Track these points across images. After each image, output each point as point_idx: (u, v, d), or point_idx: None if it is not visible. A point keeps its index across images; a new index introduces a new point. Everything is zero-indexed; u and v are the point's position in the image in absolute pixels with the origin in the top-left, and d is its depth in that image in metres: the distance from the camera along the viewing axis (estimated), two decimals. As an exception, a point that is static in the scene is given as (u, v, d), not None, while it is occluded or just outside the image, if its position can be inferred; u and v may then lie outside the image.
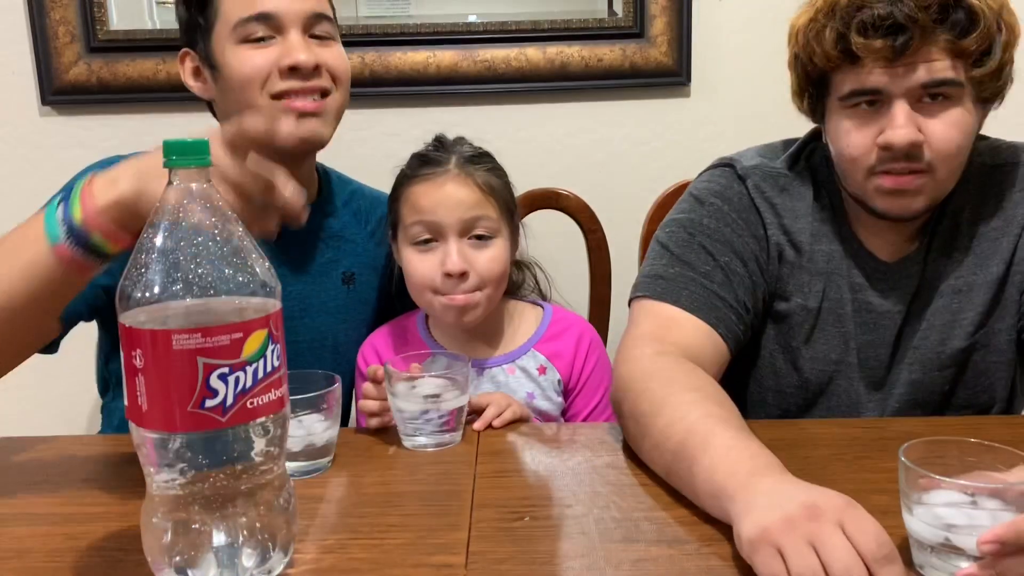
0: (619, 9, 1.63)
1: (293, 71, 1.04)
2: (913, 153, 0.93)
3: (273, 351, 0.64)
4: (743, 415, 0.84)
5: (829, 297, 1.06)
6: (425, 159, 1.15)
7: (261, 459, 0.64)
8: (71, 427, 1.66)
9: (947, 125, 0.93)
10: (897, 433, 0.93)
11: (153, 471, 0.63)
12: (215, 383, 0.60)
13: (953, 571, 0.63)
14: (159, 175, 0.72)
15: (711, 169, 1.13)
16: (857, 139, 0.96)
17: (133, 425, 0.63)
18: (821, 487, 0.68)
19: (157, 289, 0.61)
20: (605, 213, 1.46)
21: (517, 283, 1.27)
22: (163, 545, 0.63)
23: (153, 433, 0.61)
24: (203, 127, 1.15)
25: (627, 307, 1.07)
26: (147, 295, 0.61)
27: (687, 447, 0.78)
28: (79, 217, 0.75)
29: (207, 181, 0.64)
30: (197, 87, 1.13)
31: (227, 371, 0.61)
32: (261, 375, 0.63)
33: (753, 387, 1.12)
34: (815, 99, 1.02)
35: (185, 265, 0.61)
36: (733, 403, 0.87)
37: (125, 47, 1.58)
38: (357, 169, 1.38)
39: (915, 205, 0.97)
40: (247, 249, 0.65)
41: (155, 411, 0.61)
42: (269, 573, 0.66)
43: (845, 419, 1.06)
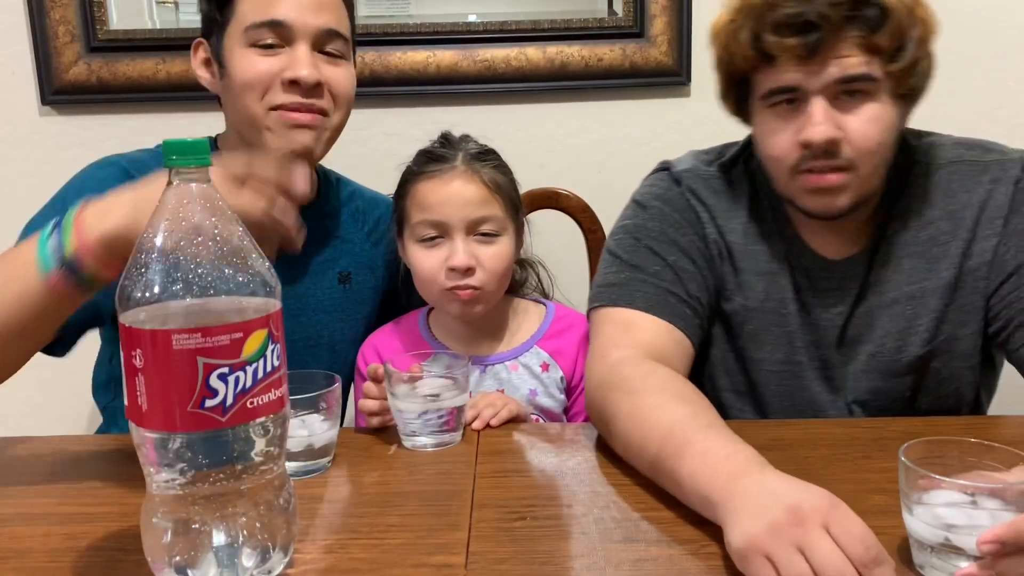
0: (619, 9, 1.63)
1: (294, 84, 1.04)
2: (832, 150, 0.94)
3: (273, 351, 0.64)
4: None
5: (772, 297, 1.06)
6: (432, 156, 1.15)
7: (261, 459, 0.64)
8: (71, 427, 1.66)
9: (864, 121, 0.94)
10: (897, 433, 0.93)
11: (153, 471, 0.63)
12: (215, 383, 0.60)
13: (953, 571, 0.63)
14: (151, 194, 0.72)
15: (651, 175, 1.15)
16: (778, 138, 0.97)
17: (133, 425, 0.63)
18: (802, 483, 0.68)
19: (157, 289, 0.61)
20: (605, 213, 1.46)
21: (520, 281, 1.27)
22: (163, 545, 0.63)
23: (153, 433, 0.61)
24: (203, 128, 1.16)
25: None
26: (147, 295, 0.61)
27: (665, 459, 0.79)
28: (71, 249, 0.76)
29: (207, 181, 0.64)
30: (205, 78, 1.13)
31: (227, 371, 0.61)
32: (261, 375, 0.63)
33: (708, 388, 1.12)
34: (740, 101, 1.04)
35: (185, 265, 0.61)
36: (697, 391, 0.88)
37: (125, 47, 1.58)
38: (357, 169, 1.38)
39: (840, 202, 0.97)
40: (247, 249, 0.65)
41: (155, 411, 0.61)
42: (269, 573, 0.66)
43: (845, 419, 1.06)
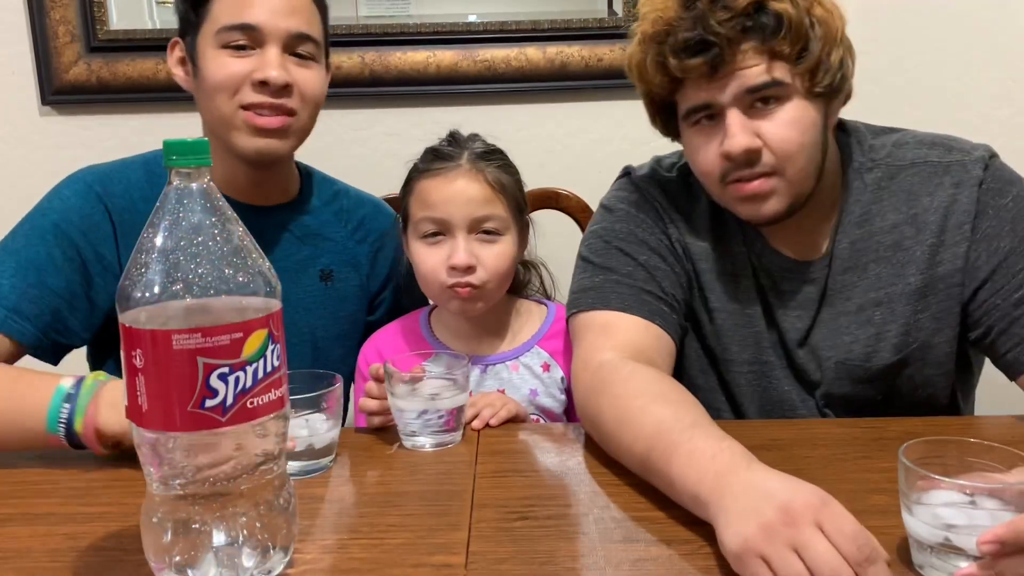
0: (619, 9, 1.63)
1: (263, 85, 1.07)
2: (753, 159, 0.95)
3: (273, 351, 0.64)
4: None
5: (736, 298, 1.07)
6: (437, 154, 1.15)
7: (261, 459, 0.64)
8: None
9: (781, 125, 0.94)
10: (897, 433, 0.93)
11: (153, 471, 0.63)
12: (215, 383, 0.60)
13: (953, 571, 0.63)
14: None
15: (616, 180, 1.17)
16: (703, 154, 0.99)
17: (133, 425, 0.63)
18: (790, 478, 0.68)
19: (157, 289, 0.61)
20: (605, 213, 1.46)
21: (524, 282, 1.27)
22: (163, 545, 0.63)
23: (153, 433, 0.61)
24: (201, 130, 1.16)
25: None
26: (147, 295, 0.61)
27: (654, 462, 0.79)
28: (79, 430, 0.87)
29: (207, 181, 0.64)
30: (180, 76, 1.16)
31: (227, 371, 0.61)
32: (261, 375, 0.63)
33: (687, 387, 1.12)
34: (668, 123, 1.05)
35: (185, 265, 0.61)
36: (682, 389, 0.89)
37: (125, 47, 1.58)
38: (357, 169, 1.38)
39: (771, 207, 0.97)
40: (247, 249, 0.65)
41: (155, 411, 0.61)
42: (269, 573, 0.66)
43: (845, 419, 1.06)
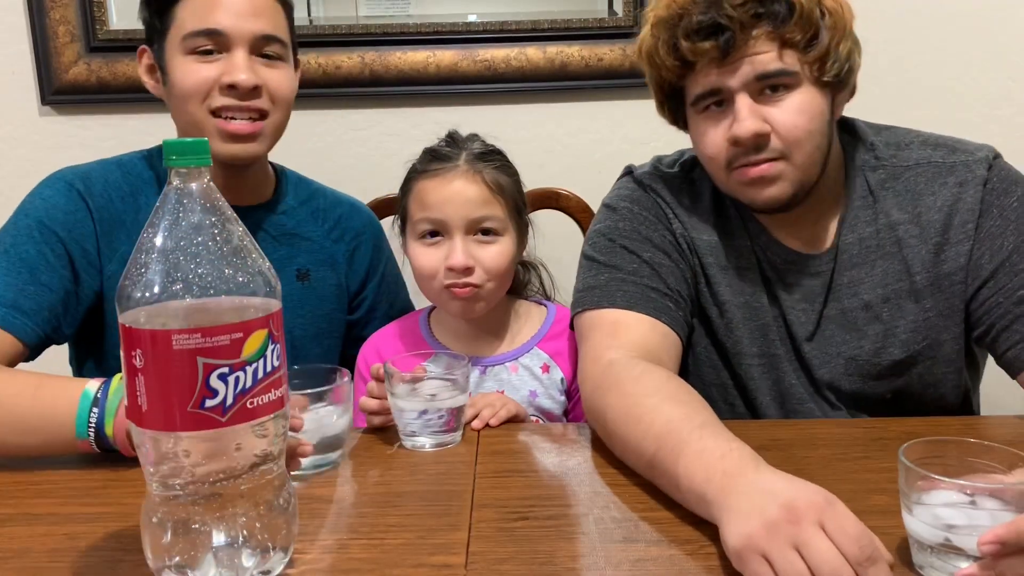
0: (619, 9, 1.63)
1: (232, 88, 1.07)
2: (761, 144, 0.96)
3: (273, 351, 0.64)
4: None
5: (743, 291, 1.08)
6: (435, 154, 1.15)
7: (261, 459, 0.64)
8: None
9: (790, 112, 0.96)
10: (897, 433, 0.93)
11: (153, 471, 0.63)
12: (215, 383, 0.60)
13: (953, 571, 0.63)
14: None
15: (617, 180, 1.18)
16: (711, 138, 1.00)
17: (133, 425, 0.63)
18: (797, 480, 0.68)
19: (157, 289, 0.61)
20: (605, 213, 1.46)
21: (523, 283, 1.27)
22: (163, 545, 0.63)
23: (153, 433, 0.61)
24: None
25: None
26: (147, 295, 0.61)
27: (661, 460, 0.79)
28: (110, 433, 0.86)
29: (207, 181, 0.64)
30: (150, 84, 1.16)
31: (227, 371, 0.61)
32: (261, 375, 0.63)
33: (696, 383, 1.12)
34: (675, 111, 1.07)
35: (185, 265, 0.61)
36: (692, 390, 0.89)
37: (125, 47, 1.58)
38: (357, 169, 1.38)
39: (777, 192, 0.99)
40: (247, 249, 0.65)
41: (155, 411, 0.61)
42: (269, 573, 0.66)
43: (845, 419, 1.06)
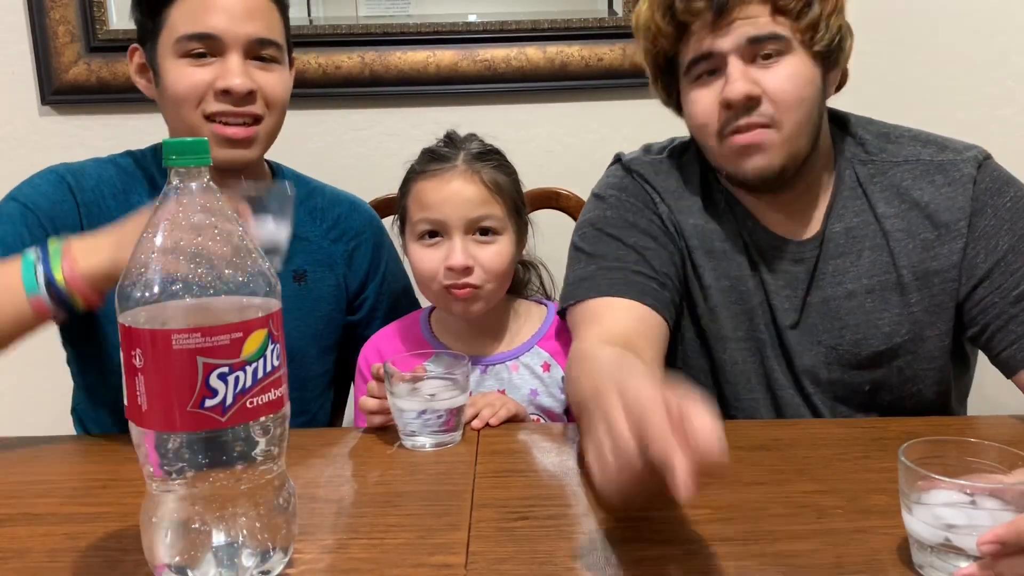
0: (619, 9, 1.63)
1: (226, 94, 1.06)
2: (752, 107, 0.97)
3: (273, 351, 0.64)
4: None
5: (729, 275, 1.08)
6: (433, 155, 1.15)
7: (261, 459, 0.64)
8: (70, 427, 1.66)
9: (782, 77, 0.97)
10: (897, 433, 0.93)
11: (153, 471, 0.63)
12: (215, 383, 0.60)
13: (953, 571, 0.63)
14: (132, 239, 0.80)
15: (607, 169, 1.19)
16: (702, 105, 1.01)
17: (133, 425, 0.63)
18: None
19: (157, 289, 0.61)
20: (605, 213, 1.46)
21: (523, 282, 1.27)
22: (163, 545, 0.63)
23: (153, 433, 0.61)
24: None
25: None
26: (147, 295, 0.61)
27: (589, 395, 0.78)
28: (61, 278, 0.83)
29: (207, 181, 0.64)
30: (142, 84, 1.16)
31: (227, 371, 0.61)
32: (261, 375, 0.63)
33: (683, 370, 1.13)
34: (668, 86, 1.08)
35: (185, 265, 0.61)
36: (639, 361, 0.88)
37: (125, 47, 1.55)
38: (357, 169, 1.38)
39: (766, 161, 0.99)
40: (247, 249, 0.65)
41: (155, 411, 0.61)
42: (269, 573, 0.66)
43: (845, 419, 1.06)
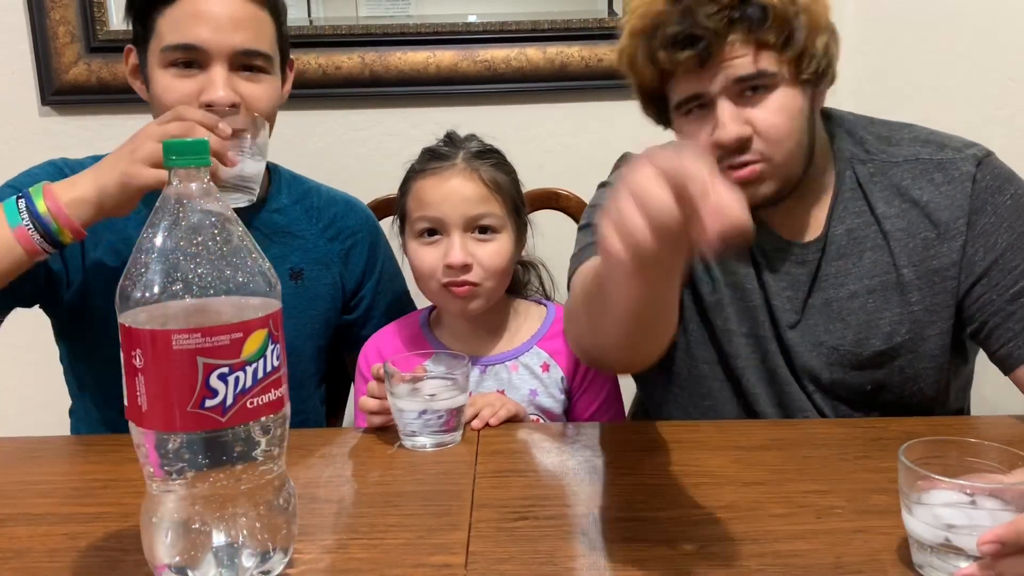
0: (619, 9, 1.63)
1: (211, 107, 1.06)
2: (744, 146, 0.98)
3: (273, 351, 0.64)
4: (691, 407, 0.85)
5: (732, 271, 1.08)
6: (433, 154, 1.15)
7: (261, 459, 0.64)
8: (70, 427, 1.66)
9: (770, 112, 0.97)
10: (897, 433, 0.93)
11: (153, 471, 0.63)
12: (215, 383, 0.60)
13: (953, 571, 0.63)
14: (110, 166, 0.91)
15: (615, 165, 1.20)
16: (695, 141, 1.01)
17: (133, 425, 0.63)
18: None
19: (157, 289, 0.61)
20: (605, 213, 1.46)
21: (523, 282, 1.27)
22: (163, 545, 0.63)
23: (153, 433, 0.61)
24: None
25: None
26: (147, 295, 0.61)
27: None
28: (43, 208, 0.85)
29: (207, 181, 0.64)
30: (136, 86, 1.16)
31: (227, 371, 0.61)
32: (261, 375, 0.63)
33: (688, 361, 1.13)
34: (660, 112, 1.08)
35: (185, 265, 0.61)
36: None
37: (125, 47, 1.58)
38: (357, 169, 1.38)
39: (762, 191, 1.00)
40: (247, 249, 0.65)
41: (155, 411, 0.61)
42: (269, 573, 0.66)
43: (845, 419, 1.06)
